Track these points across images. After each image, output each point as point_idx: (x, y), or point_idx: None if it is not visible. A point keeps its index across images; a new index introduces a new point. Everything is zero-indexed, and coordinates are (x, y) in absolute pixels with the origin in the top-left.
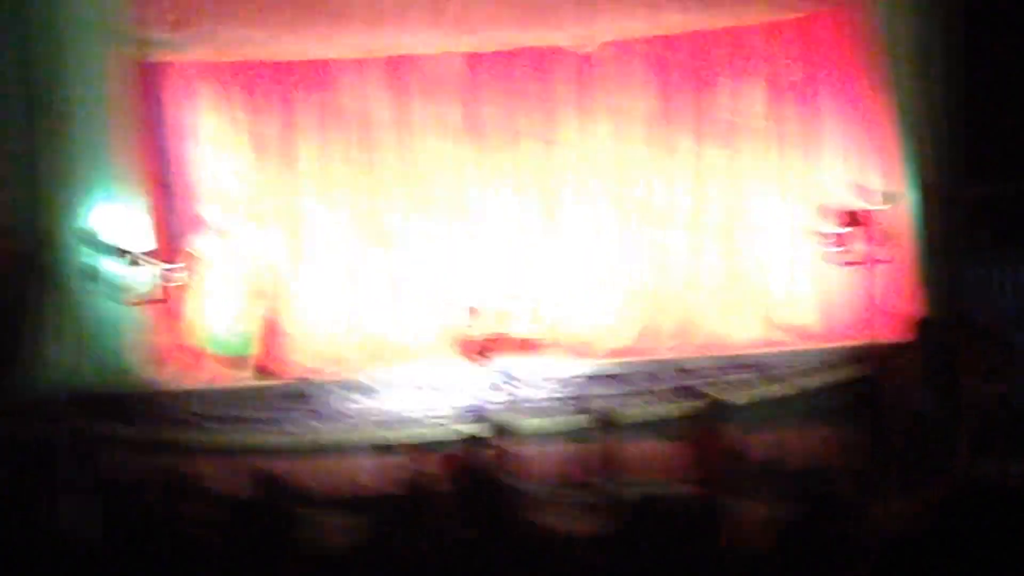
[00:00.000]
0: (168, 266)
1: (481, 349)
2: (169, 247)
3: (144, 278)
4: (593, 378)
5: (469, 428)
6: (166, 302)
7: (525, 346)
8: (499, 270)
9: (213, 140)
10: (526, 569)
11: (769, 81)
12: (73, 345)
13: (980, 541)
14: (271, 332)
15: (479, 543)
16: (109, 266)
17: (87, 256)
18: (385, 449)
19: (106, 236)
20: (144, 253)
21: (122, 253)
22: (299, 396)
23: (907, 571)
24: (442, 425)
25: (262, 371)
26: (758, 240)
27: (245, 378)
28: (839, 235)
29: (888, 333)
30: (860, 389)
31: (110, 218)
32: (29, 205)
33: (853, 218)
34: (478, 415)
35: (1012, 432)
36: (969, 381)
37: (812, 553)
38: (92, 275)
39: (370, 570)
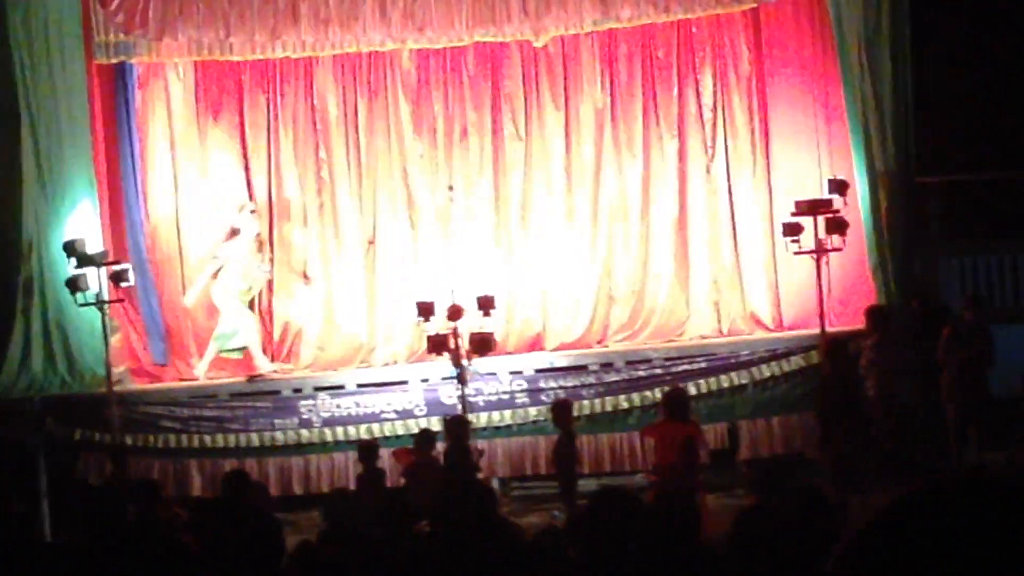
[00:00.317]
0: (122, 267)
1: (436, 345)
2: (119, 248)
3: (102, 280)
4: (547, 371)
5: (425, 423)
6: (123, 303)
7: (479, 341)
8: (450, 266)
9: (171, 140)
10: (486, 561)
11: (719, 73)
12: (48, 351)
13: (957, 532)
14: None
15: (436, 536)
16: (86, 273)
17: (65, 264)
18: (348, 446)
19: (80, 243)
20: (99, 255)
21: (93, 259)
22: (268, 395)
23: (879, 565)
24: (399, 421)
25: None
26: (710, 231)
27: (226, 379)
28: (791, 225)
29: (842, 321)
30: (821, 378)
31: (82, 225)
32: (5, 213)
33: (805, 208)
34: (434, 410)
35: (990, 420)
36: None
37: (773, 542)
38: (72, 284)
39: (334, 564)
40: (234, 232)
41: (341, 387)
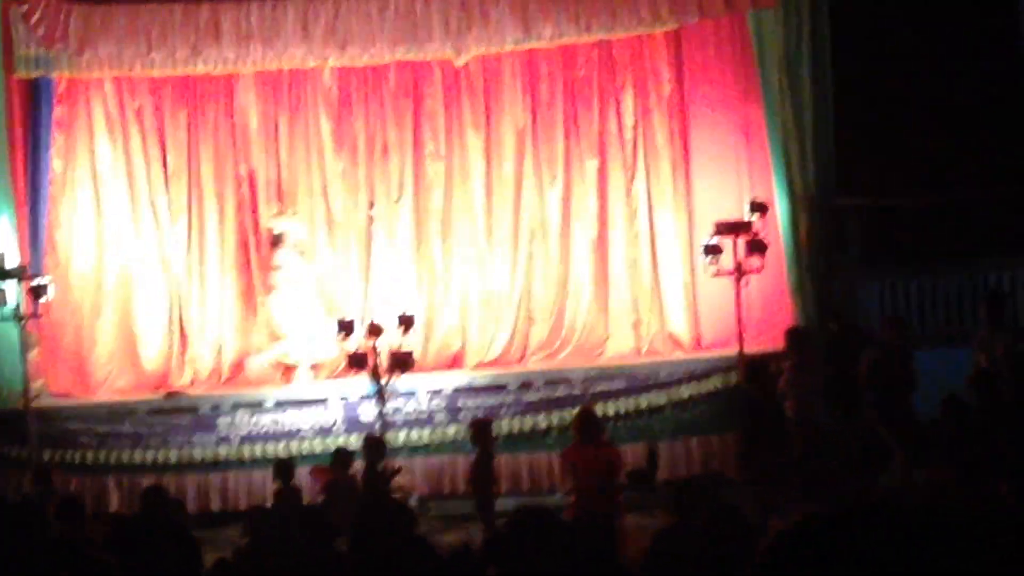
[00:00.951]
0: (42, 281)
1: (354, 362)
2: (35, 263)
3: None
4: (465, 390)
5: (343, 441)
6: (40, 318)
7: (398, 359)
8: (370, 283)
9: (91, 155)
10: None
11: (640, 94)
12: None
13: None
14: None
15: (354, 554)
16: (4, 288)
17: None
18: (266, 463)
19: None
20: (17, 269)
21: (11, 273)
22: (186, 412)
23: None
24: (317, 439)
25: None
26: (630, 251)
27: (145, 394)
28: (710, 246)
29: (761, 342)
30: (739, 399)
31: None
32: None
33: (725, 229)
34: (353, 428)
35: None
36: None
37: (690, 562)
38: None
39: None
40: (276, 240)
41: (260, 404)
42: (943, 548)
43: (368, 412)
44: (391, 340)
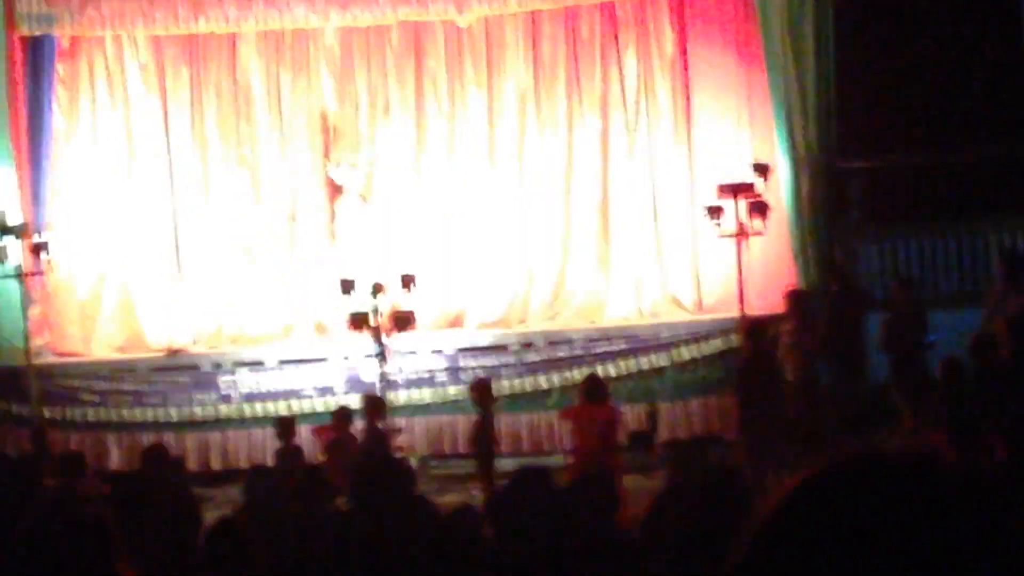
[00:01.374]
0: (43, 239)
1: (356, 322)
2: (37, 220)
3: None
4: (466, 350)
5: (344, 400)
6: (43, 275)
7: (400, 318)
8: (372, 243)
9: (93, 113)
10: (403, 538)
11: (642, 53)
12: None
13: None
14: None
15: (354, 513)
16: (6, 245)
17: None
18: (267, 421)
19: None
20: (19, 226)
21: (13, 231)
22: (188, 370)
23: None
24: (318, 398)
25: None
26: (632, 212)
27: (136, 353)
28: (713, 207)
29: (763, 305)
30: (741, 360)
31: (1, 196)
32: None
33: (727, 190)
34: (354, 387)
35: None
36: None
37: (689, 522)
38: None
39: (251, 539)
40: (337, 189)
41: (261, 363)
42: (938, 505)
43: (370, 372)
44: (393, 299)
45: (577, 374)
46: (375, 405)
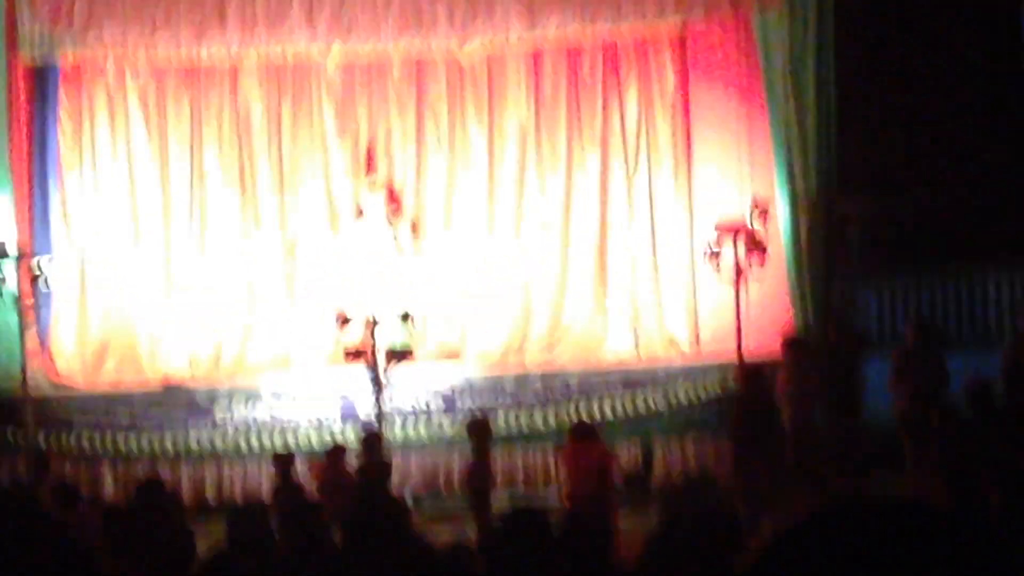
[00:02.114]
0: (41, 264)
1: (352, 357)
2: (40, 245)
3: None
4: (463, 387)
5: (339, 435)
6: (41, 302)
7: (395, 354)
8: (370, 278)
9: (92, 141)
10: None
11: (643, 92)
12: None
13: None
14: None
15: (348, 550)
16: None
17: None
18: (261, 454)
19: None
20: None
21: (10, 256)
22: (183, 401)
23: None
24: (315, 432)
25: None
26: (630, 251)
27: (132, 383)
28: (712, 248)
29: (761, 347)
30: (737, 403)
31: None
32: None
33: (726, 230)
34: (350, 422)
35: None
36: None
37: (683, 563)
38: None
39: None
40: (360, 213)
41: (257, 394)
42: (930, 551)
43: (365, 405)
44: (389, 333)
45: (572, 411)
46: (372, 441)
